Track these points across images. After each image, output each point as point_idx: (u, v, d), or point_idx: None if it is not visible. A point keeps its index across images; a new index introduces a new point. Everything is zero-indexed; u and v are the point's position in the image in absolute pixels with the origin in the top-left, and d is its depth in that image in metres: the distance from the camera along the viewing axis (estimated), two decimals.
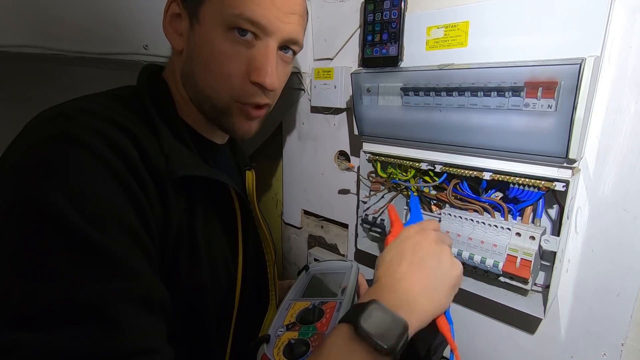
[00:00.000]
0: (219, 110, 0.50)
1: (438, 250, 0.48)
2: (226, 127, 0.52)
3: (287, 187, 1.13)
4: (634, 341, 0.58)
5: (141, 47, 0.68)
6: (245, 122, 0.52)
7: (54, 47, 0.58)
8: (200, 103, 0.51)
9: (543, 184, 0.57)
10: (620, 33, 0.53)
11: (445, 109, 0.63)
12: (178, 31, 0.49)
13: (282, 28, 0.47)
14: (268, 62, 0.47)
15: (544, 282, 0.66)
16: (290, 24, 0.48)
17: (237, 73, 0.47)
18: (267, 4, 0.45)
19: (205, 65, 0.47)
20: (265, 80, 0.47)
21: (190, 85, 0.50)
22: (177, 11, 0.49)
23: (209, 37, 0.46)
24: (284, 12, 0.47)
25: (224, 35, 0.46)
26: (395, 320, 0.39)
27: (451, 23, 0.64)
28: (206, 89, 0.49)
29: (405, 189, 0.77)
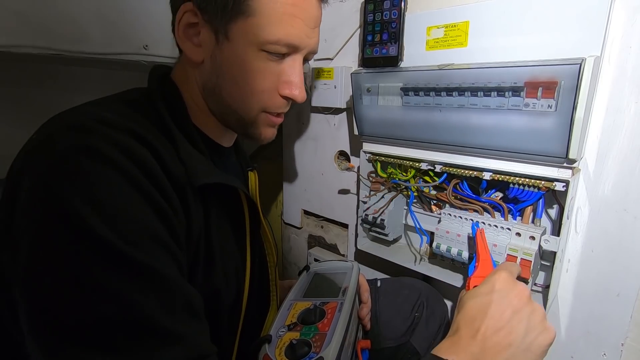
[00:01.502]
0: (245, 122, 0.51)
1: (530, 310, 0.43)
2: (251, 136, 0.54)
3: (287, 187, 1.13)
4: (634, 341, 0.58)
5: (141, 47, 0.68)
6: (270, 130, 0.54)
7: (54, 47, 0.58)
8: (224, 115, 0.52)
9: (543, 184, 0.57)
10: (620, 33, 0.53)
11: (445, 109, 0.63)
12: (195, 42, 0.48)
13: (309, 43, 0.49)
14: (298, 77, 0.49)
15: (544, 282, 0.66)
16: (315, 38, 0.50)
17: (268, 88, 0.49)
18: (300, 25, 0.46)
19: (235, 82, 0.48)
20: (297, 93, 0.49)
21: (214, 98, 0.50)
22: (193, 21, 0.47)
23: (240, 55, 0.46)
24: (311, 29, 0.48)
25: (256, 54, 0.46)
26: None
27: (451, 23, 0.64)
28: (234, 103, 0.49)
29: (405, 189, 0.76)
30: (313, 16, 0.48)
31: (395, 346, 0.67)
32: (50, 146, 0.36)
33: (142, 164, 0.37)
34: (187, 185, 0.42)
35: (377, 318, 0.70)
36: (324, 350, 0.42)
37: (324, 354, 0.41)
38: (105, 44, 0.63)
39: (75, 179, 0.34)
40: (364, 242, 0.85)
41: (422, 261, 0.77)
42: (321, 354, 0.42)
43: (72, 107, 0.42)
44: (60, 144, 0.36)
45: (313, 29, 0.49)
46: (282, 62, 0.48)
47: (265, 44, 0.45)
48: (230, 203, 0.52)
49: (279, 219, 1.21)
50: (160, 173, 0.39)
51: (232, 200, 0.52)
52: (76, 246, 0.32)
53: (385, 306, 0.71)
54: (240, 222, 0.54)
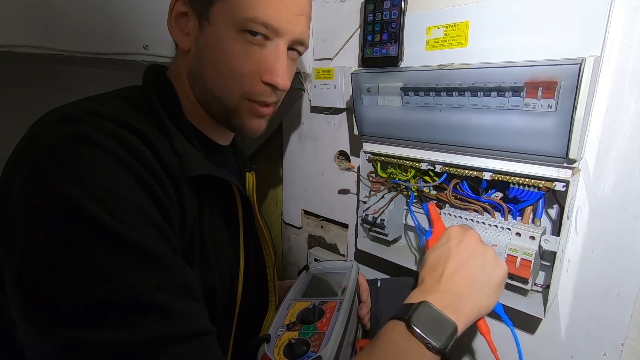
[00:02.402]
0: (228, 110, 0.51)
1: (482, 250, 0.49)
2: (236, 127, 0.53)
3: (287, 187, 1.13)
4: (634, 341, 0.58)
5: (141, 47, 0.68)
6: (255, 120, 0.53)
7: (54, 47, 0.58)
8: (208, 103, 0.51)
9: (543, 184, 0.57)
10: (620, 33, 0.53)
11: (445, 109, 0.63)
12: (185, 30, 0.49)
13: (292, 29, 0.48)
14: (279, 63, 0.48)
15: (544, 282, 0.66)
16: (300, 25, 0.49)
17: (249, 73, 0.48)
18: (279, 6, 0.46)
19: (216, 66, 0.48)
20: (278, 80, 0.48)
21: (199, 86, 0.50)
22: (183, 10, 0.48)
23: (220, 37, 0.46)
24: (295, 14, 0.47)
25: (236, 36, 0.46)
26: (445, 321, 0.41)
27: (451, 23, 0.64)
28: (216, 89, 0.49)
29: (405, 189, 0.76)
30: (297, 1, 0.47)
31: None
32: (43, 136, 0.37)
33: (135, 152, 0.38)
34: (180, 177, 0.43)
35: (377, 318, 0.70)
36: (323, 349, 0.42)
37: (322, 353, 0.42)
38: (105, 44, 0.64)
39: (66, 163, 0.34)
40: (364, 242, 0.85)
41: None
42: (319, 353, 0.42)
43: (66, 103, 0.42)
44: (52, 134, 0.36)
45: (297, 15, 0.48)
46: (265, 48, 0.48)
47: (242, 22, 0.45)
48: (224, 198, 0.52)
49: (279, 219, 1.21)
50: (154, 162, 0.39)
51: (225, 195, 0.52)
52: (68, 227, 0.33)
53: (385, 306, 0.71)
54: (233, 218, 0.54)
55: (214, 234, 0.49)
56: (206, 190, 0.48)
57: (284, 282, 0.74)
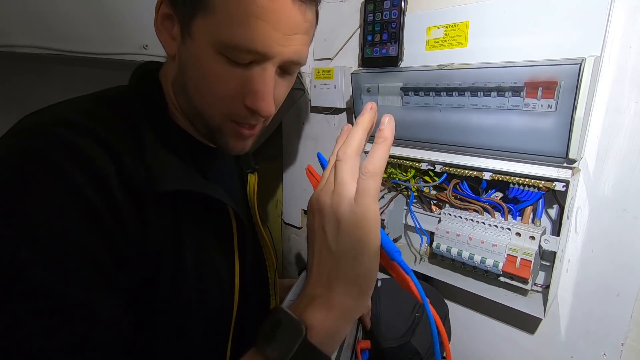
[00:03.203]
0: (211, 128, 0.47)
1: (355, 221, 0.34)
2: (219, 145, 0.49)
3: (287, 187, 1.13)
4: (634, 341, 0.58)
5: (141, 47, 0.68)
6: (239, 142, 0.49)
7: (54, 47, 0.58)
8: (192, 117, 0.48)
9: (543, 184, 0.57)
10: (620, 33, 0.53)
11: (445, 109, 0.63)
12: (170, 34, 0.45)
13: (282, 52, 0.42)
14: (265, 87, 0.43)
15: (544, 282, 0.66)
16: (292, 46, 0.43)
17: (231, 95, 0.44)
18: (267, 31, 0.40)
19: (197, 85, 0.44)
20: (261, 106, 0.44)
21: (183, 98, 0.47)
22: (168, 12, 0.44)
23: (200, 56, 0.42)
24: (285, 35, 0.42)
25: (217, 56, 0.42)
26: (290, 323, 0.33)
27: (451, 23, 0.64)
28: (198, 106, 0.46)
29: (405, 189, 0.76)
30: (287, 21, 0.41)
31: (395, 346, 0.67)
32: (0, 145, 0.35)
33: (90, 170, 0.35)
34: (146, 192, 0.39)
35: (377, 318, 0.70)
36: None
37: None
38: (105, 44, 0.64)
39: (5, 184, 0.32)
40: None
41: (422, 261, 0.77)
42: None
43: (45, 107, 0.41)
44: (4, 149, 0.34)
45: (288, 35, 0.42)
46: (250, 69, 0.43)
47: (224, 48, 0.40)
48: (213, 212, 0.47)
49: (279, 219, 1.21)
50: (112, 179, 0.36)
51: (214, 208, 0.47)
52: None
53: (386, 306, 0.71)
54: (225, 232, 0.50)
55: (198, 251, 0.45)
56: (189, 204, 0.44)
57: (284, 280, 0.74)
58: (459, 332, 0.77)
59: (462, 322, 0.77)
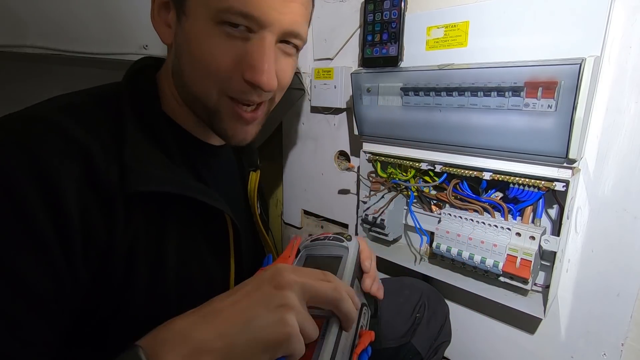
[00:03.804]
0: (210, 110, 0.45)
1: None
2: (220, 133, 0.47)
3: (287, 187, 1.13)
4: (634, 341, 0.58)
5: (141, 47, 0.68)
6: (241, 127, 0.47)
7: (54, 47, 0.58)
8: (191, 104, 0.47)
9: (543, 184, 0.57)
10: (620, 33, 0.53)
11: (445, 109, 0.63)
12: (166, 22, 0.45)
13: (279, 19, 0.41)
14: (264, 59, 0.42)
15: (544, 282, 0.66)
16: (289, 14, 0.42)
17: (228, 69, 0.42)
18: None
19: (193, 62, 0.43)
20: (262, 78, 0.42)
21: (179, 84, 0.46)
22: (165, 0, 0.44)
23: (197, 31, 0.41)
24: (281, 0, 0.41)
25: (214, 28, 0.41)
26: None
27: (451, 23, 0.64)
28: (194, 88, 0.44)
29: (405, 189, 0.76)
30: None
31: (396, 347, 0.67)
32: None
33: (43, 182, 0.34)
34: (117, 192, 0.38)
35: (377, 318, 0.70)
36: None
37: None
38: (105, 44, 0.64)
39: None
40: None
41: (422, 261, 0.77)
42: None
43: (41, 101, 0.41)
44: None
45: (285, 2, 0.41)
46: (249, 41, 0.41)
47: (218, 14, 0.40)
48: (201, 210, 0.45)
49: (279, 219, 1.21)
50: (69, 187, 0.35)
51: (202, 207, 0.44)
52: None
53: (387, 306, 0.71)
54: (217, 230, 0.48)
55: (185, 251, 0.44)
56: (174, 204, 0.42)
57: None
58: (459, 332, 0.77)
59: (462, 322, 0.77)
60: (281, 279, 0.34)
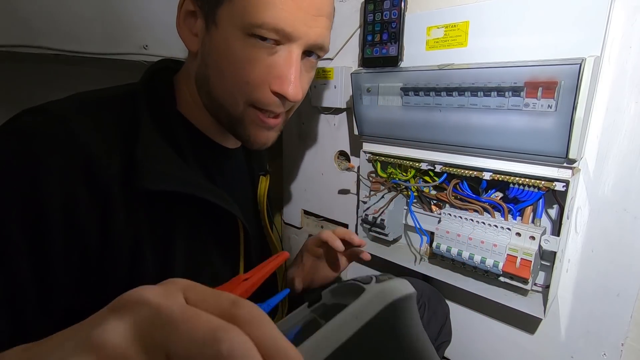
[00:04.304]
0: (234, 118, 0.46)
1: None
2: (242, 138, 0.49)
3: (287, 187, 1.13)
4: (634, 341, 0.58)
5: (141, 47, 0.68)
6: (262, 132, 0.48)
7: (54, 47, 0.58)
8: (215, 111, 0.47)
9: (543, 184, 0.57)
10: (620, 33, 0.53)
11: (445, 109, 0.63)
12: (193, 31, 0.45)
13: (308, 33, 0.42)
14: (291, 71, 0.43)
15: (544, 282, 0.66)
16: (317, 28, 0.43)
17: (256, 80, 0.43)
18: (292, 8, 0.40)
19: (221, 72, 0.44)
20: (288, 90, 0.43)
21: (204, 91, 0.47)
22: (191, 9, 0.44)
23: (227, 41, 0.42)
24: (311, 15, 0.42)
25: (243, 40, 0.42)
26: None
27: (451, 23, 0.64)
28: (220, 96, 0.45)
29: (405, 189, 0.76)
30: (312, 1, 0.42)
31: None
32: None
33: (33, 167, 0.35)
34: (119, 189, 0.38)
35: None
36: None
37: None
38: (105, 44, 0.64)
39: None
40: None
41: (422, 261, 0.77)
42: None
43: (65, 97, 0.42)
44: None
45: (314, 16, 0.42)
46: (276, 54, 0.43)
47: (250, 28, 0.40)
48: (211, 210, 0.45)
49: (279, 219, 1.21)
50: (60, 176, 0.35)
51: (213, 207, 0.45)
52: None
53: None
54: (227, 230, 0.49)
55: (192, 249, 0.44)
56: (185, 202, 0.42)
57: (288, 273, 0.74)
58: (459, 332, 0.77)
59: (462, 322, 0.77)
60: (126, 299, 0.20)
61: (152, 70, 0.48)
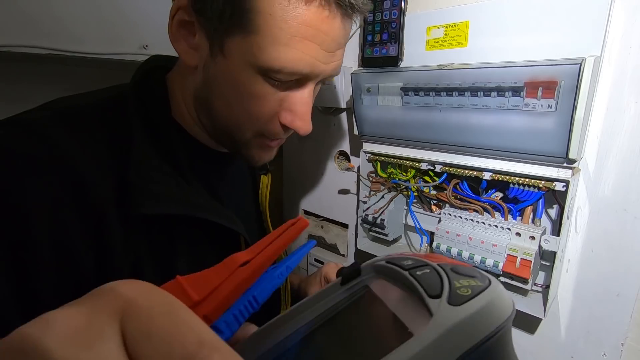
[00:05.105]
0: (238, 143, 0.44)
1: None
2: (245, 158, 0.47)
3: (287, 187, 1.13)
4: (634, 341, 0.58)
5: (141, 47, 0.68)
6: (266, 153, 0.47)
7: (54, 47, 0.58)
8: (216, 133, 0.45)
9: (543, 184, 0.57)
10: (620, 33, 0.53)
11: (445, 109, 0.63)
12: (191, 44, 0.41)
13: (324, 70, 0.40)
14: (305, 108, 0.41)
15: (544, 282, 0.66)
16: (334, 62, 0.41)
17: (268, 115, 0.41)
18: (313, 50, 0.37)
19: (228, 102, 0.41)
20: (300, 125, 0.41)
21: (205, 113, 0.44)
22: (186, 19, 0.40)
23: (235, 76, 0.39)
24: (330, 53, 0.39)
25: (255, 77, 0.38)
26: None
27: (451, 23, 0.64)
28: (226, 124, 0.43)
29: (405, 189, 0.76)
30: (334, 38, 0.38)
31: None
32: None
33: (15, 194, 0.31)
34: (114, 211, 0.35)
35: None
36: None
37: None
38: (104, 44, 0.64)
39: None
40: (364, 242, 0.85)
41: None
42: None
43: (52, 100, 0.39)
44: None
45: (333, 52, 0.40)
46: (289, 89, 0.41)
47: (265, 70, 0.38)
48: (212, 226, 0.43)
49: (280, 219, 1.21)
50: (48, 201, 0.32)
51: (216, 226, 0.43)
52: None
53: None
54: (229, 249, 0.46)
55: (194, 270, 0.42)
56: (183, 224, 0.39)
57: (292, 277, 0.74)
58: None
59: None
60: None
61: (142, 71, 0.45)
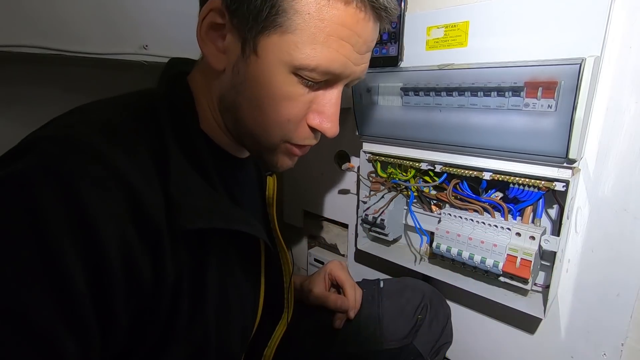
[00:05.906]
0: (263, 148, 0.45)
1: None
2: (267, 163, 0.47)
3: (287, 187, 1.13)
4: (634, 341, 0.58)
5: (141, 47, 0.67)
6: (290, 160, 0.47)
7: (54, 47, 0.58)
8: (242, 137, 0.45)
9: (543, 184, 0.57)
10: (620, 33, 0.53)
11: (445, 109, 0.63)
12: (219, 47, 0.41)
13: (354, 71, 0.41)
14: (333, 110, 0.42)
15: (544, 282, 0.66)
16: (364, 64, 0.42)
17: (297, 117, 0.41)
18: (347, 52, 0.38)
19: (258, 105, 0.41)
20: (328, 127, 0.42)
21: (231, 117, 0.44)
22: (218, 22, 0.39)
23: (268, 75, 0.39)
24: (361, 55, 0.40)
25: (287, 76, 0.39)
26: None
27: (451, 23, 0.64)
28: (253, 129, 0.43)
29: (405, 189, 0.76)
30: (366, 40, 0.40)
31: (397, 347, 0.67)
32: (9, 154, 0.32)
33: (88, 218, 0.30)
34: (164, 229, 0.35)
35: (379, 319, 0.70)
36: None
37: None
38: (105, 44, 0.63)
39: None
40: (364, 242, 0.85)
41: (422, 261, 0.77)
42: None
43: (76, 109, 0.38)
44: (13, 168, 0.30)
45: (363, 54, 0.40)
46: (319, 90, 0.41)
47: (300, 69, 0.38)
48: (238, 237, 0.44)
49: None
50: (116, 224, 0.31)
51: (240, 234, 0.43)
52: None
53: (389, 307, 0.71)
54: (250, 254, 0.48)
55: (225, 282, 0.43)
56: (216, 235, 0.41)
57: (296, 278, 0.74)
58: (459, 332, 0.77)
59: (462, 322, 0.77)
60: None
61: (168, 77, 0.45)
